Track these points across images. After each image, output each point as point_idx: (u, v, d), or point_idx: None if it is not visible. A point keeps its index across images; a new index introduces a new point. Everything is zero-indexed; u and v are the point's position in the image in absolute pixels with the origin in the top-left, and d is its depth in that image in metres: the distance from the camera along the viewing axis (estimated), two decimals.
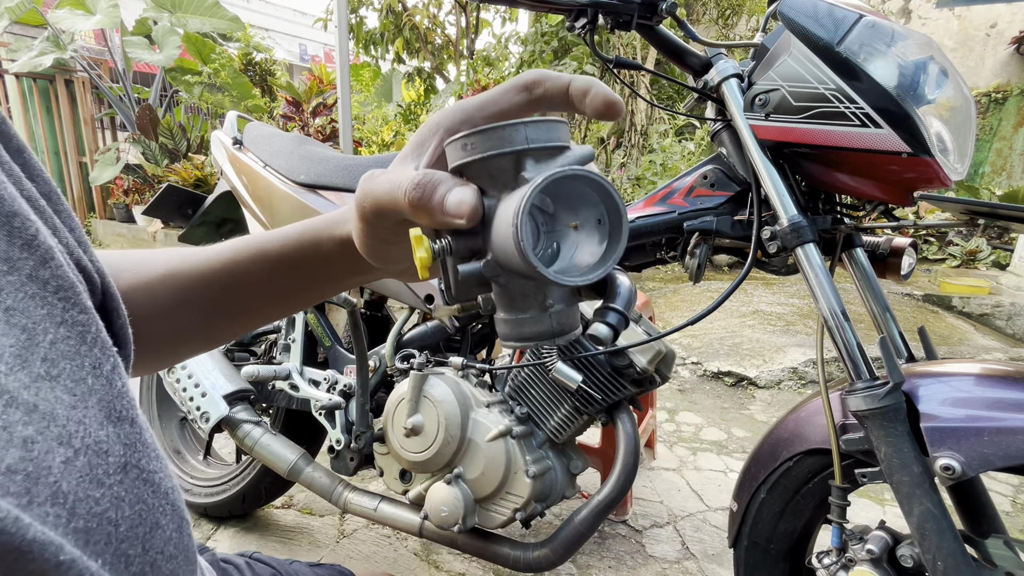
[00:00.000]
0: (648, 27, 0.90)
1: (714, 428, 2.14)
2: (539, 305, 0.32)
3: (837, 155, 0.76)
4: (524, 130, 0.29)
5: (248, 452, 1.26)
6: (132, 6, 5.74)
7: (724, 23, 6.33)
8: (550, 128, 0.30)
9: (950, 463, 0.67)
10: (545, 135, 0.29)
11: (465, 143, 0.30)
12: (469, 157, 0.30)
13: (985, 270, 4.29)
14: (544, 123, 0.30)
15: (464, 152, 0.30)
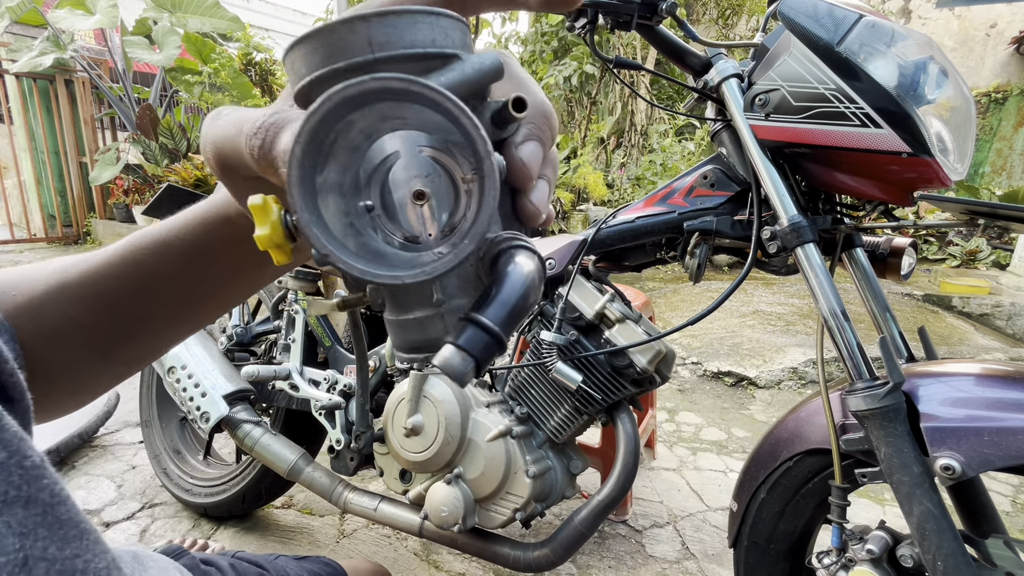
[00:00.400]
0: (648, 27, 0.90)
1: (714, 428, 2.14)
2: (424, 301, 0.25)
3: (837, 155, 0.77)
4: (365, 29, 0.20)
5: (248, 452, 1.26)
6: (132, 6, 5.74)
7: (724, 23, 6.33)
8: (412, 24, 0.21)
9: (950, 463, 0.67)
10: (403, 35, 0.21)
11: (297, 56, 0.22)
12: (304, 80, 0.22)
13: (985, 270, 4.29)
14: (402, 16, 0.21)
15: (300, 70, 0.22)
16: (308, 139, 0.19)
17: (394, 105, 0.20)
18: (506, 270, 0.22)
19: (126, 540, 1.42)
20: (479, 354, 0.21)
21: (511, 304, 0.21)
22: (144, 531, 1.47)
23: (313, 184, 0.20)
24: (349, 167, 0.22)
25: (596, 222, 1.03)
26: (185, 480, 1.52)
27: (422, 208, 0.23)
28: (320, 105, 0.19)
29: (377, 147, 0.23)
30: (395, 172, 0.24)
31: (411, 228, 0.24)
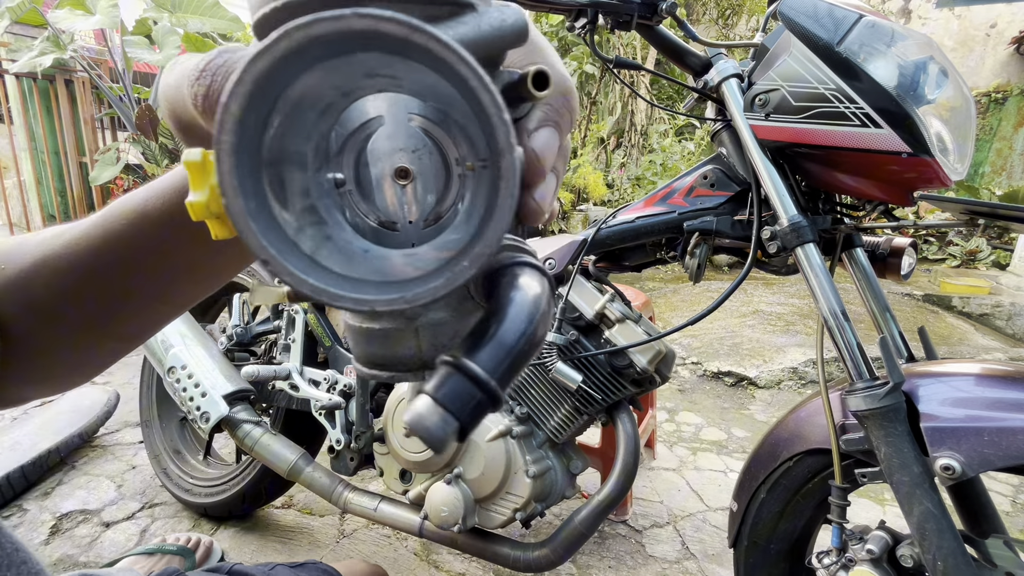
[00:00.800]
0: (648, 27, 0.90)
1: (714, 428, 2.14)
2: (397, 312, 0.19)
3: (837, 155, 0.76)
4: None
5: (248, 452, 1.26)
6: (132, 6, 5.74)
7: (724, 23, 6.33)
8: None
9: (950, 463, 0.67)
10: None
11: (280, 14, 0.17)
12: (266, 4, 0.17)
13: (985, 270, 4.29)
14: None
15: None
16: (251, 90, 0.14)
17: (384, 58, 0.15)
18: (508, 297, 0.17)
19: (126, 540, 1.42)
20: (465, 414, 0.15)
21: (513, 347, 0.16)
22: (144, 531, 1.47)
23: (257, 154, 0.15)
24: (315, 133, 0.17)
25: (596, 222, 1.03)
26: (185, 480, 1.52)
27: (404, 188, 0.20)
28: (274, 43, 0.13)
29: (356, 107, 0.19)
30: (375, 141, 0.20)
31: (388, 211, 0.20)
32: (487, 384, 0.16)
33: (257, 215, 0.15)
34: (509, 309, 0.17)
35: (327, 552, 1.39)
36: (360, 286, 0.16)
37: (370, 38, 0.14)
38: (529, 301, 0.18)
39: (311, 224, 0.17)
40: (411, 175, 0.19)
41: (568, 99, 0.22)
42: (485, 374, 0.16)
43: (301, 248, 0.16)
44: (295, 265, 0.15)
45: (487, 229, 0.15)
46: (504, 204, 0.15)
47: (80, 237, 0.31)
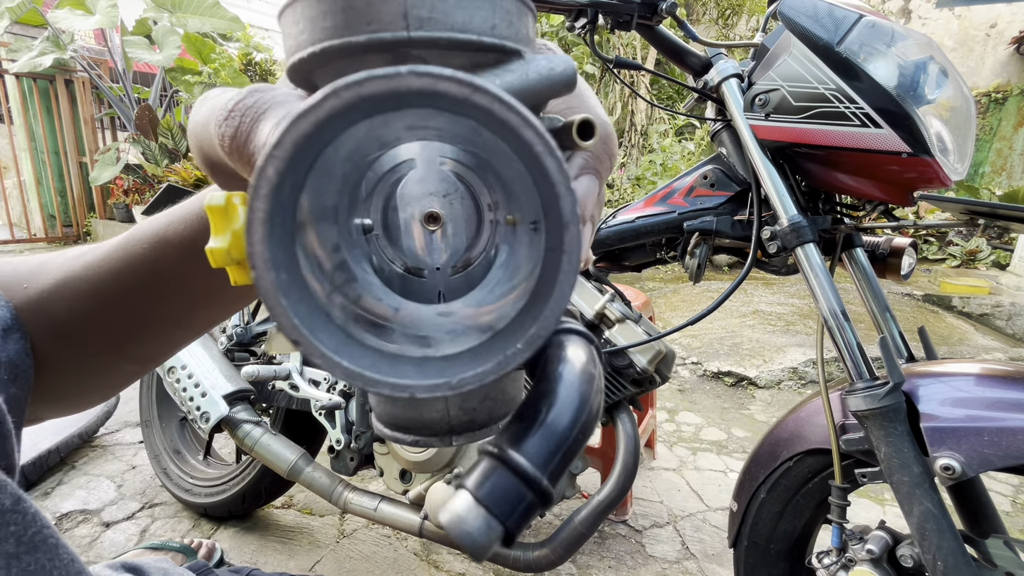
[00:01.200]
0: (648, 27, 0.90)
1: (714, 428, 2.14)
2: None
3: (837, 155, 0.76)
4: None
5: (248, 452, 1.26)
6: (132, 6, 5.73)
7: (724, 23, 6.33)
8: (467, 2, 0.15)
9: (950, 463, 0.67)
10: (453, 13, 0.15)
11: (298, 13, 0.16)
12: (304, 50, 0.16)
13: (985, 270, 4.29)
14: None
15: (301, 35, 0.16)
16: (291, 154, 0.13)
17: (435, 113, 0.14)
18: (555, 373, 0.16)
19: (126, 540, 1.42)
20: (512, 518, 0.14)
21: (566, 435, 0.15)
22: (144, 531, 1.47)
23: (291, 219, 0.14)
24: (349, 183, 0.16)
25: None
26: (185, 480, 1.52)
27: (433, 234, 0.19)
28: (319, 104, 0.12)
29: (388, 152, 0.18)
30: (405, 185, 0.19)
31: (415, 256, 0.19)
32: (537, 481, 0.14)
33: (289, 289, 0.13)
34: (559, 389, 0.15)
35: (327, 552, 1.39)
36: (398, 366, 0.14)
37: (426, 96, 0.13)
38: (580, 378, 0.16)
39: (343, 284, 0.16)
40: (441, 220, 0.19)
41: (609, 146, 0.21)
42: (534, 469, 0.14)
43: (333, 319, 0.15)
44: (328, 344, 0.14)
45: (545, 309, 0.14)
46: (565, 281, 0.14)
47: (101, 260, 0.31)
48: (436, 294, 0.20)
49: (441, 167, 0.19)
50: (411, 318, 0.18)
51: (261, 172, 0.13)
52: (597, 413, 0.16)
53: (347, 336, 0.15)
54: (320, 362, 0.13)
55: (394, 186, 0.19)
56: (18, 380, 0.29)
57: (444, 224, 0.19)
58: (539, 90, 0.17)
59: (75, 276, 0.31)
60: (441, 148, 0.18)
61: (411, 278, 0.20)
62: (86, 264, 0.31)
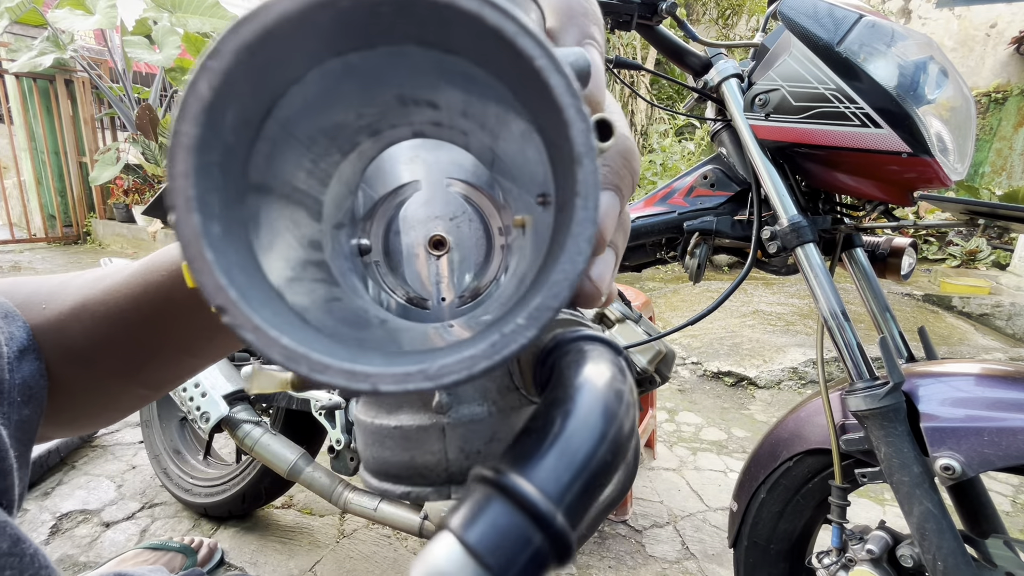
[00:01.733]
0: (648, 27, 0.90)
1: (714, 428, 2.14)
2: (416, 401, 0.15)
3: (837, 155, 0.77)
4: None
5: (248, 452, 1.26)
6: (132, 6, 5.74)
7: (724, 23, 6.33)
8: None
9: (950, 463, 0.67)
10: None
11: None
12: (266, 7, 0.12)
13: (985, 270, 4.29)
14: None
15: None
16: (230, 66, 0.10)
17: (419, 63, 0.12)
18: (574, 381, 0.12)
19: (126, 540, 1.42)
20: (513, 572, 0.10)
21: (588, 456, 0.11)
22: (144, 531, 1.47)
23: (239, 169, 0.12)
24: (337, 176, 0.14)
25: None
26: (185, 480, 1.52)
27: (439, 260, 0.17)
28: (266, 6, 0.10)
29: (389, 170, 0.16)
30: (409, 208, 0.17)
31: (419, 286, 0.17)
32: (549, 519, 0.10)
33: (221, 244, 0.11)
34: (577, 398, 0.12)
35: (327, 552, 1.39)
36: (362, 354, 0.11)
37: (402, 11, 0.10)
38: (604, 387, 0.12)
39: (313, 280, 0.14)
40: (447, 245, 0.16)
41: (630, 160, 0.19)
42: (546, 501, 0.10)
43: (285, 300, 0.12)
44: (268, 319, 0.11)
45: (555, 269, 0.11)
46: (580, 233, 0.10)
47: (121, 285, 0.31)
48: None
49: (448, 189, 0.17)
50: (400, 330, 0.15)
51: (192, 86, 0.10)
52: (629, 436, 0.12)
53: (301, 320, 0.12)
54: (252, 337, 0.11)
55: (397, 209, 0.17)
56: (32, 401, 0.29)
57: (450, 249, 0.17)
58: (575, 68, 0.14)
59: (94, 300, 0.31)
60: (447, 168, 0.16)
61: (413, 309, 0.18)
62: (105, 289, 0.31)
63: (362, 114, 0.13)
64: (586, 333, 0.15)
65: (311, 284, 0.14)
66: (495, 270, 0.17)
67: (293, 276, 0.13)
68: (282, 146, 0.13)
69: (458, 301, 0.17)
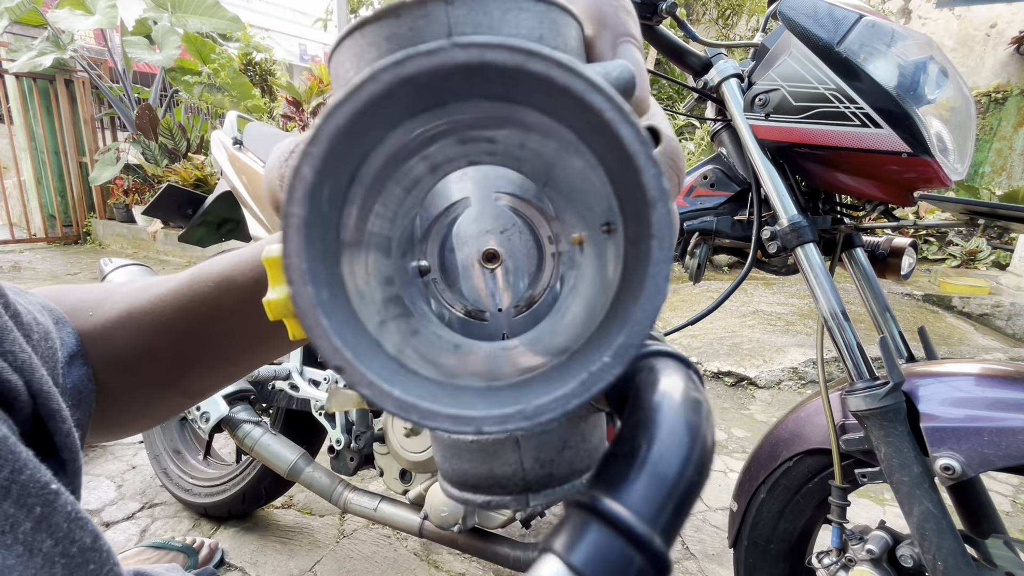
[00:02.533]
0: (648, 27, 0.90)
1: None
2: None
3: (837, 155, 0.76)
4: (443, 14, 0.14)
5: (248, 452, 1.26)
6: (132, 6, 5.74)
7: (724, 23, 6.33)
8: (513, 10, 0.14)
9: (950, 463, 0.67)
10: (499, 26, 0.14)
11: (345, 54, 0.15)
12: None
13: (985, 270, 4.29)
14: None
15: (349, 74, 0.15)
16: (328, 150, 0.11)
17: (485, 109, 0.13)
18: (651, 402, 0.13)
19: (126, 540, 1.42)
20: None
21: (677, 477, 0.12)
22: (144, 531, 1.47)
23: (335, 233, 0.13)
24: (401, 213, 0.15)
25: None
26: (185, 480, 1.52)
27: (493, 273, 0.18)
28: (356, 89, 0.11)
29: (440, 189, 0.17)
30: (461, 225, 0.18)
31: (476, 298, 0.18)
32: (647, 541, 0.11)
33: (331, 308, 0.12)
34: (659, 419, 0.13)
35: (327, 552, 1.39)
36: (460, 396, 0.12)
37: (475, 75, 0.11)
38: (684, 406, 0.13)
39: (396, 317, 0.15)
40: (500, 258, 0.17)
41: (677, 161, 0.19)
42: (642, 524, 0.11)
43: (384, 348, 0.13)
44: (378, 372, 0.12)
45: (635, 311, 0.11)
46: (658, 273, 0.11)
47: (167, 295, 0.32)
48: (500, 336, 0.18)
49: (497, 203, 0.18)
50: (473, 353, 0.16)
51: (296, 172, 0.11)
52: (712, 449, 0.13)
53: (400, 366, 0.13)
54: (368, 392, 0.12)
55: (449, 227, 0.18)
56: (81, 406, 0.30)
57: (503, 261, 0.18)
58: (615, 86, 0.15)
59: (140, 309, 0.32)
60: (495, 183, 0.17)
61: (473, 322, 0.18)
62: (152, 297, 0.32)
63: (426, 157, 0.14)
64: (655, 348, 0.15)
65: (395, 323, 0.15)
66: (548, 278, 0.18)
67: (381, 320, 0.14)
68: (362, 202, 0.14)
69: (514, 311, 0.18)
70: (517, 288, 0.18)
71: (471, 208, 0.18)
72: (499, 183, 0.17)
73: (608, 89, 0.11)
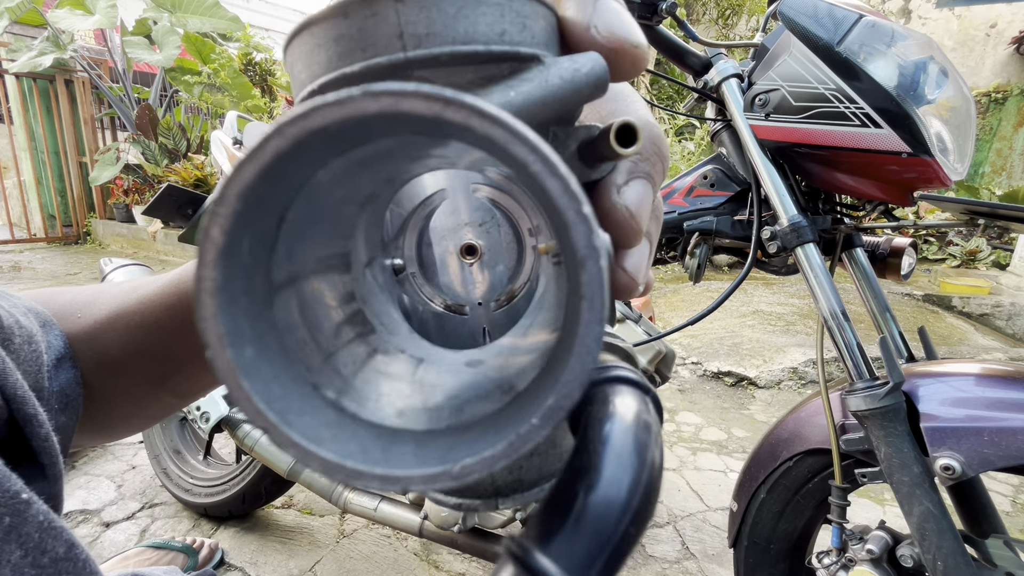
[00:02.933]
0: (648, 27, 0.90)
1: (714, 428, 2.14)
2: None
3: (837, 155, 0.77)
4: (394, 13, 0.13)
5: (248, 452, 1.26)
6: (132, 6, 5.74)
7: (724, 23, 6.33)
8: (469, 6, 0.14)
9: (950, 463, 0.67)
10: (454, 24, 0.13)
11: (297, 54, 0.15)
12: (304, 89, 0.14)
13: (985, 270, 4.29)
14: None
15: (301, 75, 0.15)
16: (239, 209, 0.11)
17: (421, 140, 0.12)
18: (598, 439, 0.12)
19: (126, 540, 1.42)
20: None
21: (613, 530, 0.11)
22: (144, 531, 1.47)
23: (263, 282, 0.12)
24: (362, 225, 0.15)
25: None
26: (185, 480, 1.52)
27: (472, 267, 0.17)
28: (259, 148, 0.11)
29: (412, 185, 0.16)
30: (437, 218, 0.18)
31: (455, 293, 0.18)
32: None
33: (255, 366, 0.11)
34: (602, 464, 0.12)
35: (327, 552, 1.39)
36: (394, 448, 0.12)
37: (393, 121, 0.11)
38: (630, 448, 0.12)
39: (350, 342, 0.14)
40: (479, 251, 0.17)
41: (659, 147, 0.18)
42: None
43: (323, 393, 0.13)
44: (305, 428, 0.11)
45: (564, 373, 0.11)
46: (586, 336, 0.11)
47: (155, 294, 0.32)
48: (480, 332, 0.18)
49: (475, 195, 0.17)
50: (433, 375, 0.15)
51: (206, 235, 0.11)
52: (656, 493, 0.12)
53: (337, 412, 0.13)
54: (293, 452, 0.11)
55: (427, 220, 0.17)
56: (68, 409, 0.30)
57: (482, 255, 0.17)
58: (563, 96, 0.14)
59: (128, 309, 0.32)
60: (472, 174, 0.17)
61: (452, 316, 0.18)
62: (140, 298, 0.32)
63: (375, 177, 0.14)
64: (613, 375, 0.14)
65: (346, 351, 0.14)
66: (528, 272, 0.17)
67: (329, 353, 0.14)
68: (300, 237, 0.13)
69: (494, 305, 0.18)
70: (496, 283, 0.18)
71: (448, 200, 0.17)
72: (476, 174, 0.17)
73: (532, 139, 0.10)
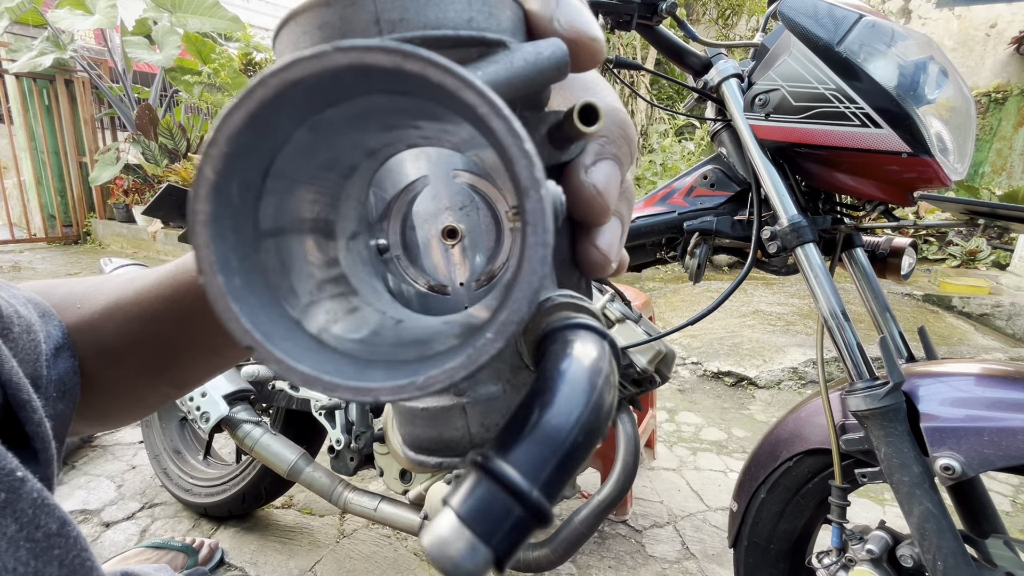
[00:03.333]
0: (648, 27, 0.90)
1: (714, 428, 2.14)
2: None
3: (837, 155, 0.77)
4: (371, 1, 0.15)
5: (248, 452, 1.26)
6: (132, 6, 5.73)
7: (724, 23, 6.33)
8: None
9: (950, 463, 0.67)
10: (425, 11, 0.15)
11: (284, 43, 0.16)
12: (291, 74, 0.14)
13: (985, 270, 4.29)
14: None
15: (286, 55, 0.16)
16: (228, 151, 0.12)
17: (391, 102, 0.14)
18: (555, 370, 0.14)
19: (126, 540, 1.42)
20: (498, 539, 0.12)
21: (563, 439, 0.13)
22: (144, 531, 1.47)
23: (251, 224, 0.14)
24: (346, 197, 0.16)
25: None
26: (185, 480, 1.52)
27: (453, 249, 0.19)
28: (247, 94, 0.12)
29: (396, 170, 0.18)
30: (420, 203, 0.19)
31: (437, 274, 0.19)
32: (525, 495, 0.12)
33: (243, 294, 0.13)
34: (557, 387, 0.14)
35: (327, 552, 1.39)
36: (367, 370, 0.13)
37: (361, 75, 0.12)
38: (583, 375, 0.14)
39: (332, 297, 0.16)
40: (459, 234, 0.18)
41: (625, 130, 0.19)
42: (523, 480, 0.12)
43: (304, 327, 0.14)
44: (287, 350, 0.13)
45: (513, 290, 0.12)
46: (532, 256, 0.12)
47: (152, 285, 0.32)
48: (461, 310, 0.19)
49: (455, 180, 0.19)
50: (413, 329, 0.17)
51: (200, 172, 0.12)
52: (607, 414, 0.14)
53: (317, 343, 0.14)
54: (275, 367, 0.13)
55: (410, 205, 0.19)
56: (65, 397, 0.30)
57: (463, 237, 0.18)
58: (528, 77, 0.16)
59: (126, 300, 0.33)
60: (452, 160, 0.18)
61: (436, 296, 0.19)
62: (138, 288, 0.33)
63: (355, 144, 0.15)
64: (574, 321, 0.16)
65: (329, 303, 0.16)
66: (506, 253, 0.19)
67: (311, 301, 0.15)
68: (285, 193, 0.15)
69: (475, 285, 0.19)
70: (475, 263, 0.19)
71: (429, 186, 0.19)
72: (456, 161, 0.18)
73: (478, 86, 0.12)
